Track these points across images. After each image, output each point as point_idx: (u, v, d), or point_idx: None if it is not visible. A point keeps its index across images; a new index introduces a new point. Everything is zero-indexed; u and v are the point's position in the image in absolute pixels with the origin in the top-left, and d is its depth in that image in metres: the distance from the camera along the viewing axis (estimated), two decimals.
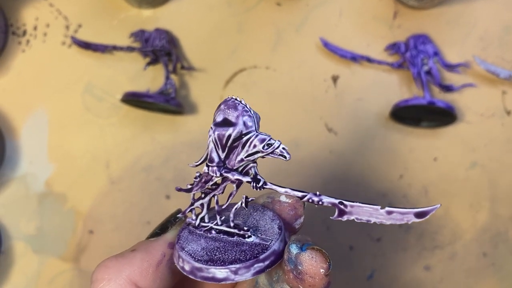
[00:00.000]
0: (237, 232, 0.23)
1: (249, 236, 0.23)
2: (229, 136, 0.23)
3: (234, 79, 0.48)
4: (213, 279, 0.22)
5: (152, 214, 0.46)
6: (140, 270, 0.23)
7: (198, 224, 0.24)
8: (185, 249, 0.23)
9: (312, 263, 0.21)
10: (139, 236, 0.45)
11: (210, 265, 0.22)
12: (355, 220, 0.22)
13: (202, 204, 0.25)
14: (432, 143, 0.48)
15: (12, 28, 0.47)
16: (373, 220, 0.23)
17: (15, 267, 0.45)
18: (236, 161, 0.23)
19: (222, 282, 0.22)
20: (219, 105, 0.23)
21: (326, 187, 0.47)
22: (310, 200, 0.23)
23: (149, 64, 0.47)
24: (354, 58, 0.48)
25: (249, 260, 0.22)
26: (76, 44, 0.47)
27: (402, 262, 0.47)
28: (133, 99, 0.45)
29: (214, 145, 0.23)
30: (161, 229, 0.26)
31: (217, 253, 0.23)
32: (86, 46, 0.47)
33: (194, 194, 0.25)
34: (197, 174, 0.24)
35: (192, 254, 0.22)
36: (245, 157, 0.23)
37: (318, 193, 0.23)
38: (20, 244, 0.45)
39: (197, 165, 0.24)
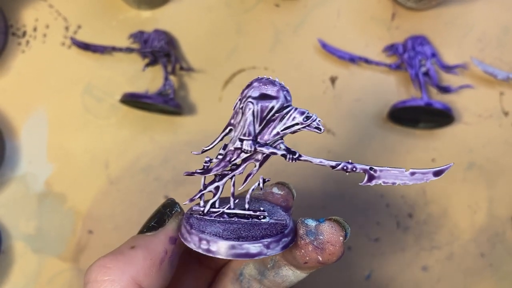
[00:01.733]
0: (253, 213, 0.24)
1: (265, 217, 0.24)
2: (272, 108, 0.23)
3: (233, 80, 0.48)
4: (247, 255, 0.22)
5: (151, 214, 0.46)
6: (144, 269, 0.22)
7: (208, 211, 0.24)
8: (207, 231, 0.22)
9: (332, 232, 0.23)
10: None
11: (242, 241, 0.22)
12: (382, 183, 0.24)
13: (217, 187, 0.24)
14: (430, 144, 0.48)
15: (12, 29, 0.48)
16: (398, 182, 0.24)
17: (15, 266, 0.45)
18: (271, 135, 0.23)
19: (256, 258, 0.22)
20: (251, 83, 0.23)
21: (324, 187, 0.47)
22: (345, 168, 0.23)
23: (148, 65, 0.47)
24: (352, 59, 0.48)
25: (277, 235, 0.22)
26: (75, 45, 0.47)
27: (400, 262, 0.47)
28: (132, 100, 0.45)
29: (254, 118, 0.23)
30: (158, 222, 0.24)
31: (242, 232, 0.23)
32: (85, 47, 0.47)
33: (205, 178, 0.24)
34: (207, 159, 0.24)
35: (218, 234, 0.22)
36: (281, 130, 0.23)
37: (350, 161, 0.24)
38: (19, 244, 0.46)
39: (205, 151, 0.24)
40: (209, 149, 0.24)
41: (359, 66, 0.48)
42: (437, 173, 0.24)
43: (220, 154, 0.24)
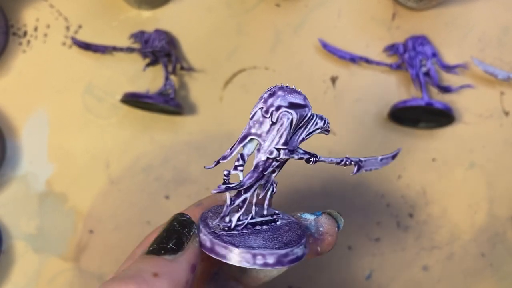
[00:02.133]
0: (271, 218, 0.24)
1: (278, 219, 0.25)
2: (306, 116, 0.23)
3: (234, 80, 0.48)
4: (297, 259, 0.22)
5: (151, 214, 0.47)
6: None
7: (234, 226, 0.23)
8: (255, 246, 0.22)
9: (330, 223, 0.25)
10: (139, 236, 0.45)
11: (291, 247, 0.22)
12: (364, 171, 0.26)
13: (244, 200, 0.24)
14: (430, 143, 0.48)
15: (13, 29, 0.48)
16: (373, 168, 0.27)
17: (16, 266, 0.45)
18: (298, 142, 0.24)
19: (301, 260, 0.23)
20: (274, 92, 0.22)
21: (325, 187, 0.47)
22: (347, 162, 0.25)
23: (148, 65, 0.47)
24: (353, 59, 0.48)
25: (303, 235, 0.24)
26: (76, 45, 0.47)
27: (400, 262, 0.47)
28: (133, 100, 0.45)
29: (291, 127, 0.22)
30: (177, 245, 0.21)
31: (279, 238, 0.23)
32: (86, 47, 0.47)
33: (230, 193, 0.23)
34: (226, 172, 0.23)
35: (268, 246, 0.22)
36: (306, 136, 0.24)
37: (347, 156, 0.26)
38: (20, 244, 0.46)
39: (218, 162, 0.23)
40: (226, 160, 0.23)
41: (360, 66, 0.48)
42: (393, 157, 0.29)
43: (240, 165, 0.23)
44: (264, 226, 0.24)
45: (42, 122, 0.47)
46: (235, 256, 0.21)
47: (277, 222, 0.25)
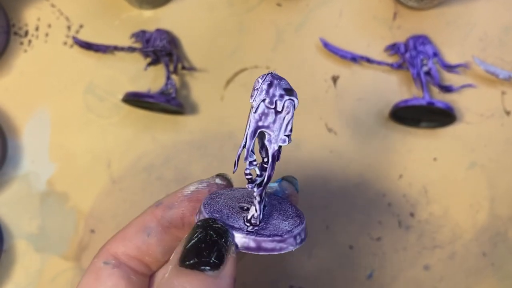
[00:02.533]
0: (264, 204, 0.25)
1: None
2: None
3: (235, 79, 0.48)
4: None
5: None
6: None
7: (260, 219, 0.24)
8: (289, 229, 0.23)
9: (290, 186, 0.28)
10: None
11: (303, 217, 0.25)
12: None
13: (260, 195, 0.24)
14: (432, 143, 0.48)
15: (14, 28, 0.48)
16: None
17: (17, 265, 0.46)
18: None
19: None
20: (271, 81, 0.22)
21: (326, 186, 0.47)
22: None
23: (150, 64, 0.47)
24: (354, 59, 0.48)
25: (292, 204, 0.27)
26: (77, 44, 0.47)
27: (402, 261, 0.47)
28: (134, 99, 0.45)
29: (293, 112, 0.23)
30: (218, 258, 0.20)
31: (288, 214, 0.25)
32: (87, 46, 0.47)
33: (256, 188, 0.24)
34: (248, 170, 0.23)
35: (293, 225, 0.23)
36: None
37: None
38: (22, 243, 0.46)
39: (251, 161, 0.23)
40: (254, 159, 0.23)
41: (361, 65, 0.48)
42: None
43: (253, 160, 0.23)
44: (266, 208, 0.25)
45: (44, 121, 0.47)
46: (285, 244, 0.22)
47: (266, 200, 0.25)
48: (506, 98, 0.48)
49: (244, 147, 0.22)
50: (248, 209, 0.25)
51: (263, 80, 0.22)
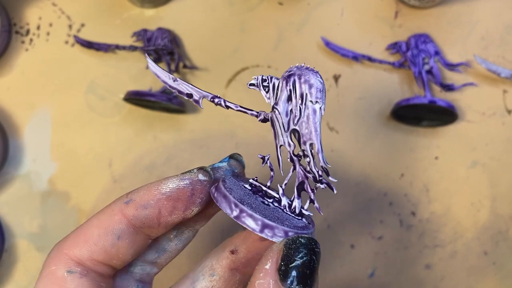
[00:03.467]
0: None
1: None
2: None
3: (237, 78, 0.48)
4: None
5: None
6: None
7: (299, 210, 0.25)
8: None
9: (238, 163, 0.28)
10: None
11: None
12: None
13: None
14: (433, 142, 0.48)
15: (16, 27, 0.48)
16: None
17: (19, 265, 0.45)
18: None
19: None
20: (306, 80, 0.24)
21: None
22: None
23: None
24: (356, 58, 0.48)
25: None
26: (79, 43, 0.47)
27: (403, 260, 0.47)
28: (136, 98, 0.45)
29: None
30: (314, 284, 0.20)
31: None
32: (89, 45, 0.47)
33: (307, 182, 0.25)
34: (317, 169, 0.24)
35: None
36: None
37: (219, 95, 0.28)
38: (23, 242, 0.46)
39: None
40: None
41: (362, 64, 0.48)
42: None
43: (297, 156, 0.25)
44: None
45: (45, 120, 0.47)
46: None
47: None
48: (507, 97, 0.48)
49: (320, 150, 0.24)
50: (274, 203, 0.25)
51: (296, 79, 0.24)
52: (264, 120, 0.25)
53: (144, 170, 0.47)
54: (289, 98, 0.24)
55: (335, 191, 0.24)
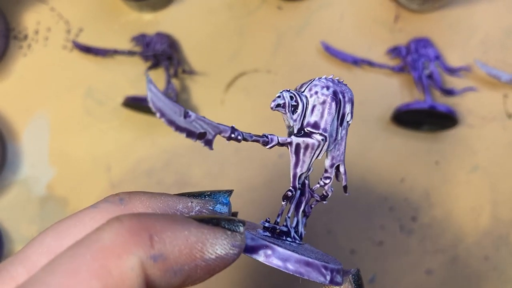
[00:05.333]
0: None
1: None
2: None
3: (235, 83, 0.48)
4: None
5: None
6: None
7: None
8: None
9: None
10: None
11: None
12: None
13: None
14: (434, 146, 0.48)
15: (14, 32, 0.47)
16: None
17: None
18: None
19: None
20: (344, 94, 0.22)
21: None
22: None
23: (150, 68, 0.47)
24: (355, 62, 0.48)
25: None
26: (77, 48, 0.47)
27: (403, 265, 0.47)
28: (134, 103, 0.45)
29: None
30: None
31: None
32: (87, 50, 0.47)
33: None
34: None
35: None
36: None
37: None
38: (21, 248, 0.45)
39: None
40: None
41: (362, 68, 0.48)
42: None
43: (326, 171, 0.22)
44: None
45: (43, 125, 0.47)
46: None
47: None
48: (508, 101, 0.48)
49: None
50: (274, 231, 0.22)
51: (334, 99, 0.22)
52: (275, 146, 0.21)
53: (142, 175, 0.47)
54: (334, 119, 0.21)
55: (325, 202, 0.23)
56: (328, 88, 0.21)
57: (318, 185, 0.22)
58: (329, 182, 0.22)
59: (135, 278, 0.15)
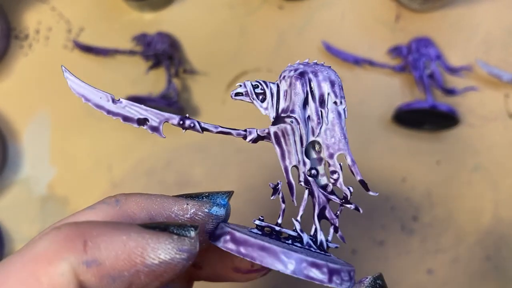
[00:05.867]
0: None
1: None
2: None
3: (236, 82, 0.48)
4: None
5: None
6: None
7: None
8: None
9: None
10: None
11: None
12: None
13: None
14: (435, 146, 0.48)
15: (15, 32, 0.47)
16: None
17: None
18: None
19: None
20: (316, 73, 0.20)
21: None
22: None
23: (151, 67, 0.47)
24: (357, 61, 0.47)
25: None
26: (78, 47, 0.47)
27: (405, 265, 0.47)
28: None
29: None
30: None
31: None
32: (88, 49, 0.47)
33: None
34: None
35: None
36: None
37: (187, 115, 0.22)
38: None
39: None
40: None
41: (363, 68, 0.48)
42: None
43: (312, 176, 0.21)
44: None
45: (44, 125, 0.47)
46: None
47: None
48: (509, 101, 0.48)
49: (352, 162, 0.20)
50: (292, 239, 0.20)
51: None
52: (257, 140, 0.21)
53: (143, 175, 0.46)
54: (306, 102, 0.20)
55: (361, 211, 0.20)
56: (296, 70, 0.20)
57: (330, 184, 0.21)
58: (338, 178, 0.20)
59: (66, 284, 0.15)
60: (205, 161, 0.47)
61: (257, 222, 0.20)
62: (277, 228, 0.21)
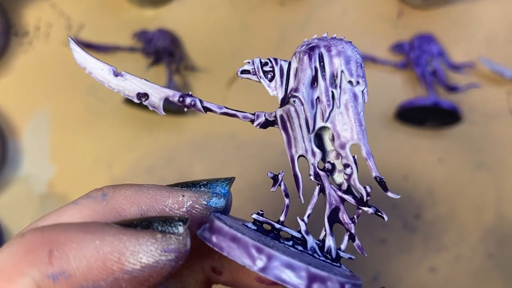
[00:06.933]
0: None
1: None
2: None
3: (238, 79, 0.48)
4: None
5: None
6: None
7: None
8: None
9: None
10: None
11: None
12: None
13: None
14: (437, 143, 0.47)
15: (15, 29, 0.47)
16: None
17: None
18: None
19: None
20: (330, 48, 0.16)
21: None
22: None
23: (151, 64, 0.46)
24: None
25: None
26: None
27: (407, 263, 0.47)
28: None
29: None
30: None
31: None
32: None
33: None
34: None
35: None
36: None
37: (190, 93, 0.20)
38: None
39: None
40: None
41: (365, 65, 0.48)
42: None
43: (325, 170, 0.18)
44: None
45: (44, 123, 0.47)
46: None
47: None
48: (511, 98, 0.48)
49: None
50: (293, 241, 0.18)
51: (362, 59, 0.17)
52: (265, 124, 0.18)
53: (143, 172, 0.46)
54: (314, 81, 0.17)
55: (386, 218, 0.17)
56: (308, 44, 0.17)
57: (345, 182, 0.17)
58: (351, 173, 0.17)
59: None
60: (205, 158, 0.47)
61: (255, 216, 0.18)
62: (278, 226, 0.18)
